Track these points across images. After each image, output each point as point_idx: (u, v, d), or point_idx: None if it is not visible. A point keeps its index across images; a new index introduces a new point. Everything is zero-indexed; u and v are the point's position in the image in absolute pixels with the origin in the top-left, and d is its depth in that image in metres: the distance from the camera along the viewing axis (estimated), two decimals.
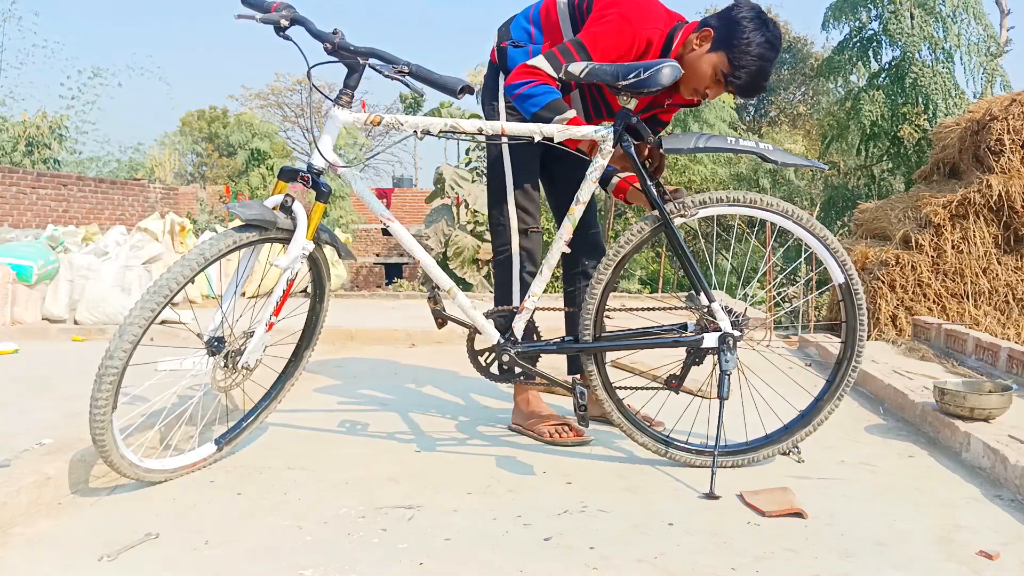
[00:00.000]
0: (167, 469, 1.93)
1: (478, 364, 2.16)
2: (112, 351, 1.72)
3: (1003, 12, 14.82)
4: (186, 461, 1.98)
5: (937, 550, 1.58)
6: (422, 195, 20.25)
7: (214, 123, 28.39)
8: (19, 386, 2.95)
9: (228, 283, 2.01)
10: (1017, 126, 5.53)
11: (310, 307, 2.23)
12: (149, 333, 1.80)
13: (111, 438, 1.76)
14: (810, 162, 2.07)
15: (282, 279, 1.95)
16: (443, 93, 1.94)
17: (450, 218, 7.70)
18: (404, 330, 4.28)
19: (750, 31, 2.04)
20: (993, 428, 2.16)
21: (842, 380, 2.08)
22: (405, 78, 1.89)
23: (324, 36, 1.92)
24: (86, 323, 4.55)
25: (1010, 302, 5.61)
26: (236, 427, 2.12)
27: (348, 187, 2.37)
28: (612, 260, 2.01)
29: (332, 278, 2.40)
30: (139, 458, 1.87)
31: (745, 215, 2.02)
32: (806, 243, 2.04)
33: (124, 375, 1.75)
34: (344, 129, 2.15)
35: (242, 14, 1.93)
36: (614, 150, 1.99)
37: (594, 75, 1.96)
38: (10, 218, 11.37)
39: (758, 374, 2.26)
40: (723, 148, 1.98)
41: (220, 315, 1.95)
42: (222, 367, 1.95)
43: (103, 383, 1.72)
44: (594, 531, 1.66)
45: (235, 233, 1.86)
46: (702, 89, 2.12)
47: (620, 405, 2.09)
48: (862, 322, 2.05)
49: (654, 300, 6.56)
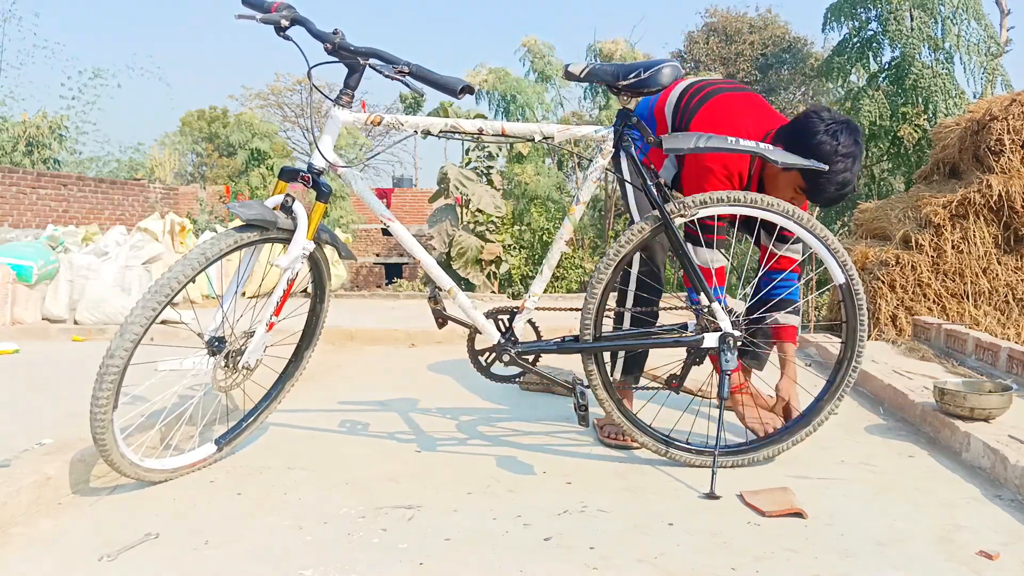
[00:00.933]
0: (167, 469, 1.93)
1: (478, 364, 2.16)
2: (113, 350, 1.72)
3: (1003, 12, 14.82)
4: (186, 461, 1.98)
5: (937, 550, 1.58)
6: (422, 195, 20.26)
7: (214, 123, 28.39)
8: (19, 386, 2.95)
9: (229, 283, 2.01)
10: (1017, 126, 5.53)
11: (310, 307, 2.23)
12: (150, 333, 1.80)
13: (112, 437, 1.76)
14: (811, 162, 2.00)
15: (283, 279, 1.95)
16: (443, 93, 1.94)
17: (454, 218, 7.69)
18: (404, 330, 4.28)
19: (824, 144, 2.01)
20: (993, 428, 2.16)
21: (842, 380, 2.08)
22: (405, 78, 1.89)
23: (324, 36, 1.92)
24: (86, 323, 4.54)
25: (1010, 302, 5.60)
26: (236, 427, 2.13)
27: (348, 187, 2.36)
28: (612, 260, 2.01)
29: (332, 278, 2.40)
30: (139, 457, 1.87)
31: (745, 215, 2.01)
32: (807, 243, 2.03)
33: (125, 374, 1.76)
34: (344, 129, 2.15)
35: (242, 14, 1.93)
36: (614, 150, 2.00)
37: (594, 75, 1.97)
38: (10, 218, 11.37)
39: (758, 374, 2.27)
40: (723, 148, 1.97)
41: (221, 315, 1.95)
42: (223, 367, 1.95)
43: (104, 382, 1.72)
44: (594, 531, 1.66)
45: (236, 233, 1.87)
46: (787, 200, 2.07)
47: (620, 404, 2.09)
48: (862, 322, 2.05)
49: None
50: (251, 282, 5.44)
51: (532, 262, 9.18)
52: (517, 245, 9.04)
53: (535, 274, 8.64)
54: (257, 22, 1.91)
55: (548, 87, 9.89)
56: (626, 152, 2.00)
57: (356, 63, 1.93)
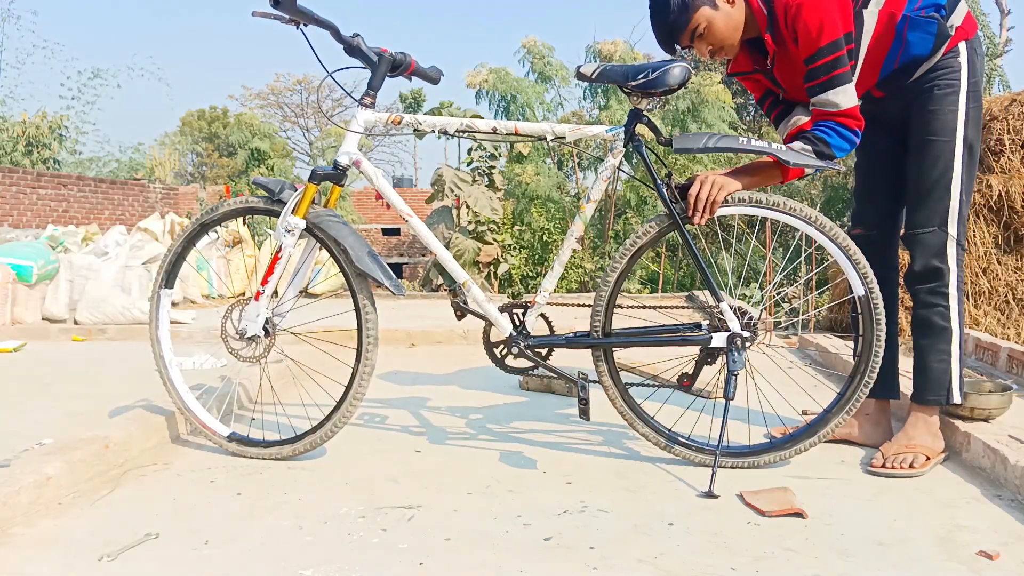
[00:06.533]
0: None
1: (493, 356, 2.20)
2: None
3: (1003, 12, 14.80)
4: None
5: (937, 550, 1.57)
6: (422, 195, 20.26)
7: (214, 123, 28.42)
8: (19, 386, 2.95)
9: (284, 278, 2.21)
10: (1017, 126, 5.53)
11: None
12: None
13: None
14: (825, 163, 1.96)
15: (273, 250, 2.12)
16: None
17: (450, 221, 7.68)
18: (404, 330, 4.29)
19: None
20: (993, 428, 2.16)
21: (853, 394, 2.03)
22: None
23: (344, 39, 2.02)
24: (86, 323, 4.54)
25: (1010, 302, 5.60)
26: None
27: (370, 183, 2.39)
28: (628, 250, 2.05)
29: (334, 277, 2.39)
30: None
31: (764, 217, 2.01)
32: (828, 251, 2.00)
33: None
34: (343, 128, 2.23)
35: (266, 12, 1.95)
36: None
37: (605, 76, 1.98)
38: (10, 218, 11.38)
39: (764, 375, 2.27)
40: (734, 148, 1.96)
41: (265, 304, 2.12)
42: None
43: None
44: (594, 531, 1.66)
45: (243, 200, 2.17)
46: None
47: (625, 394, 2.10)
48: (879, 338, 1.99)
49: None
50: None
51: (532, 262, 9.18)
52: (517, 245, 9.04)
53: (536, 274, 8.62)
54: (284, 23, 1.98)
55: (548, 87, 9.89)
56: (637, 151, 2.01)
57: (375, 64, 2.04)
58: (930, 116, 2.01)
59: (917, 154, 2.05)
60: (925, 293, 2.08)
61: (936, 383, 2.09)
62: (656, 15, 2.00)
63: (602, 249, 9.22)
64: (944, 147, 2.00)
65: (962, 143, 2.00)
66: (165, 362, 2.24)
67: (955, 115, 1.99)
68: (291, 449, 2.11)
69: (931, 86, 2.00)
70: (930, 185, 2.02)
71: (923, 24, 1.97)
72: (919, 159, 2.04)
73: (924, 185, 2.03)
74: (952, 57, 1.99)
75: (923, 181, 2.03)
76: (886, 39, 1.99)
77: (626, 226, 9.45)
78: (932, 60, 1.99)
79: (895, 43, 1.99)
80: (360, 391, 2.06)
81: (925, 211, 2.04)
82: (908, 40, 1.98)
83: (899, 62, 2.01)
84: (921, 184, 2.04)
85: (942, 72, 1.99)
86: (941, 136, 2.00)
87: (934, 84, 2.00)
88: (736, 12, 1.98)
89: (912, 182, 2.07)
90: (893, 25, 1.97)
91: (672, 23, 1.97)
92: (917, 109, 2.04)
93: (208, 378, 2.62)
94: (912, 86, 2.03)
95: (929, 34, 1.97)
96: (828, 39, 1.89)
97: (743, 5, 1.98)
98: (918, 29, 1.97)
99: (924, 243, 2.05)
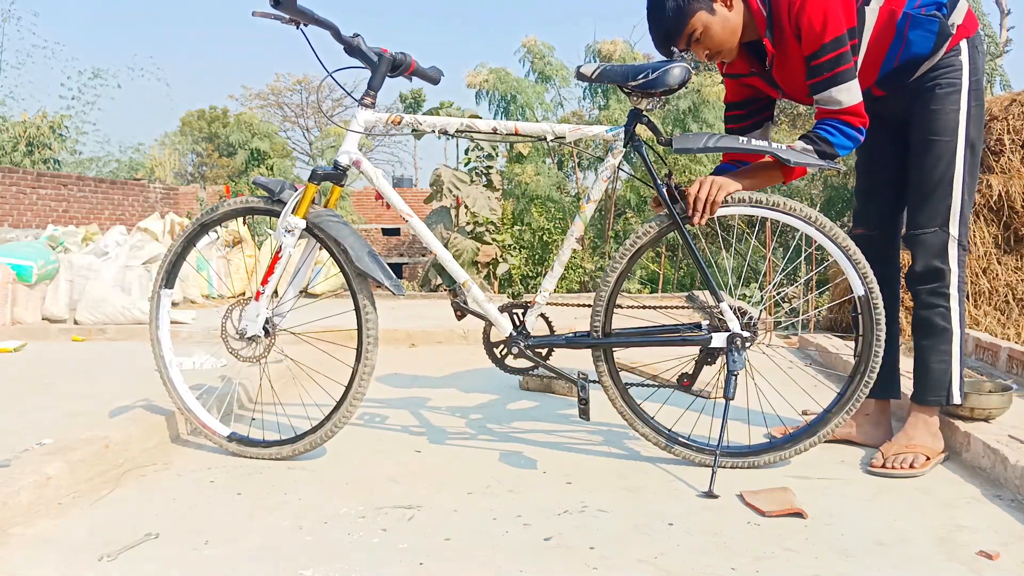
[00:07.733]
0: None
1: (493, 356, 2.20)
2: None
3: (1003, 12, 14.81)
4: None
5: (937, 550, 1.57)
6: (422, 195, 20.26)
7: (214, 123, 28.42)
8: (19, 386, 2.95)
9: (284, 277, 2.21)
10: (1017, 126, 5.53)
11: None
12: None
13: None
14: (826, 162, 1.95)
15: (272, 249, 2.12)
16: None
17: (449, 221, 7.68)
18: (404, 330, 4.28)
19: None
20: (993, 428, 2.16)
21: (853, 394, 2.03)
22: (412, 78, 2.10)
23: (345, 39, 2.02)
24: (86, 323, 4.55)
25: (1010, 302, 5.60)
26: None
27: (371, 183, 2.38)
28: (628, 250, 2.05)
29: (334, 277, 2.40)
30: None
31: (764, 217, 2.00)
32: (828, 251, 2.00)
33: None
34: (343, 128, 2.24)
35: (266, 12, 1.95)
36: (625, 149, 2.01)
37: (605, 76, 1.98)
38: (10, 218, 11.38)
39: (763, 375, 2.27)
40: (734, 148, 1.97)
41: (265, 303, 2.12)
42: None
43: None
44: (594, 531, 1.66)
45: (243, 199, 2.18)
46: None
47: (625, 393, 2.10)
48: (879, 338, 1.99)
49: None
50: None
51: (532, 262, 9.18)
52: (517, 245, 9.04)
53: (536, 274, 8.61)
54: (284, 24, 1.99)
55: (548, 87, 9.89)
56: (637, 151, 2.00)
57: (376, 64, 2.04)
58: (932, 115, 2.01)
59: (918, 154, 2.05)
60: (926, 294, 2.08)
61: (936, 384, 2.09)
62: (653, 19, 1.99)
63: (602, 249, 9.23)
64: (946, 147, 2.00)
65: (964, 143, 2.00)
66: (165, 362, 2.24)
67: (957, 114, 1.99)
68: (291, 449, 2.11)
69: (932, 85, 2.00)
70: (932, 185, 2.02)
71: (924, 22, 1.96)
72: (920, 159, 2.04)
73: (926, 185, 2.03)
74: (953, 56, 1.98)
75: (925, 181, 2.03)
76: (886, 37, 1.98)
77: (626, 226, 9.45)
78: (933, 59, 1.98)
79: (895, 41, 1.98)
80: (360, 391, 2.06)
81: (926, 211, 2.04)
82: (909, 39, 1.97)
83: (899, 60, 2.00)
84: (923, 184, 2.04)
85: (944, 71, 1.99)
86: (943, 136, 2.00)
87: (935, 83, 2.00)
88: (734, 16, 1.96)
89: (913, 182, 2.06)
90: (893, 23, 1.97)
91: (668, 28, 1.96)
92: (919, 108, 2.03)
93: (208, 378, 2.62)
94: (913, 85, 2.03)
95: (930, 32, 1.96)
96: (832, 35, 1.88)
97: (741, 8, 1.97)
98: (919, 27, 1.96)
99: (925, 243, 2.04)
